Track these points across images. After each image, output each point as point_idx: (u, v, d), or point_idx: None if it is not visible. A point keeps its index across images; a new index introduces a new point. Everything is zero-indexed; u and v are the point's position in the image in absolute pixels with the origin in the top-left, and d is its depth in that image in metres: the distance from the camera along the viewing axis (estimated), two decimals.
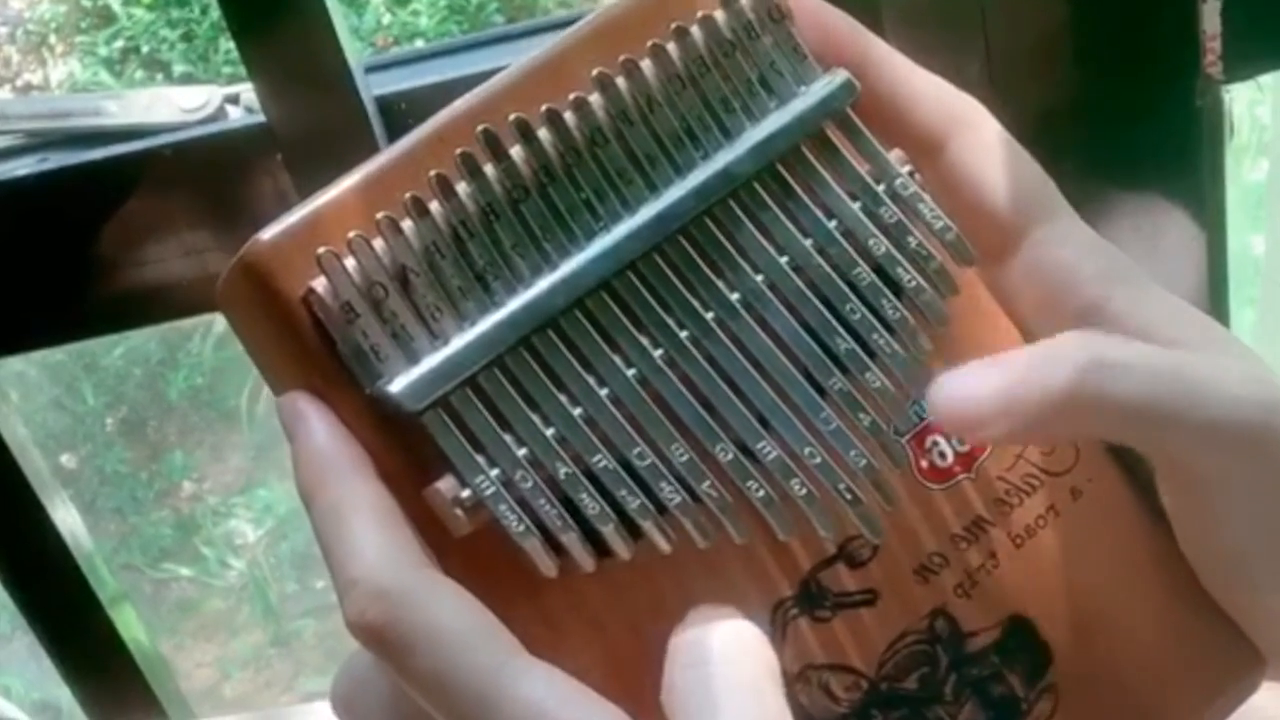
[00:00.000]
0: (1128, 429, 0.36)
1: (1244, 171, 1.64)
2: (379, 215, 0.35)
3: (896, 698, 0.38)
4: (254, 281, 0.36)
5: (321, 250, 0.35)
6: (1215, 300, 0.87)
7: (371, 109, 0.81)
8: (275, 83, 0.81)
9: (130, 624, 1.08)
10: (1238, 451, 0.36)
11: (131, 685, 1.09)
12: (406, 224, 0.36)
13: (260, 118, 0.83)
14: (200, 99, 0.87)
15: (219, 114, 0.87)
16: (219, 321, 0.39)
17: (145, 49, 2.32)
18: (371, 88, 0.82)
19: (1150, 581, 0.40)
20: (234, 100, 0.88)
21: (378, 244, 0.36)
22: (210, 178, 0.86)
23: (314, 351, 0.36)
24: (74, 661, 1.08)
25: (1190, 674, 0.40)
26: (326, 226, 0.36)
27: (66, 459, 1.93)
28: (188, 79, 2.22)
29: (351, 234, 0.35)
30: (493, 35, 0.86)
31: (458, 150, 0.36)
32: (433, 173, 0.36)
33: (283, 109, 0.82)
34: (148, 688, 1.10)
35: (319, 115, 0.82)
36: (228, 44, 2.24)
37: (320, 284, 0.35)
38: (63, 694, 1.15)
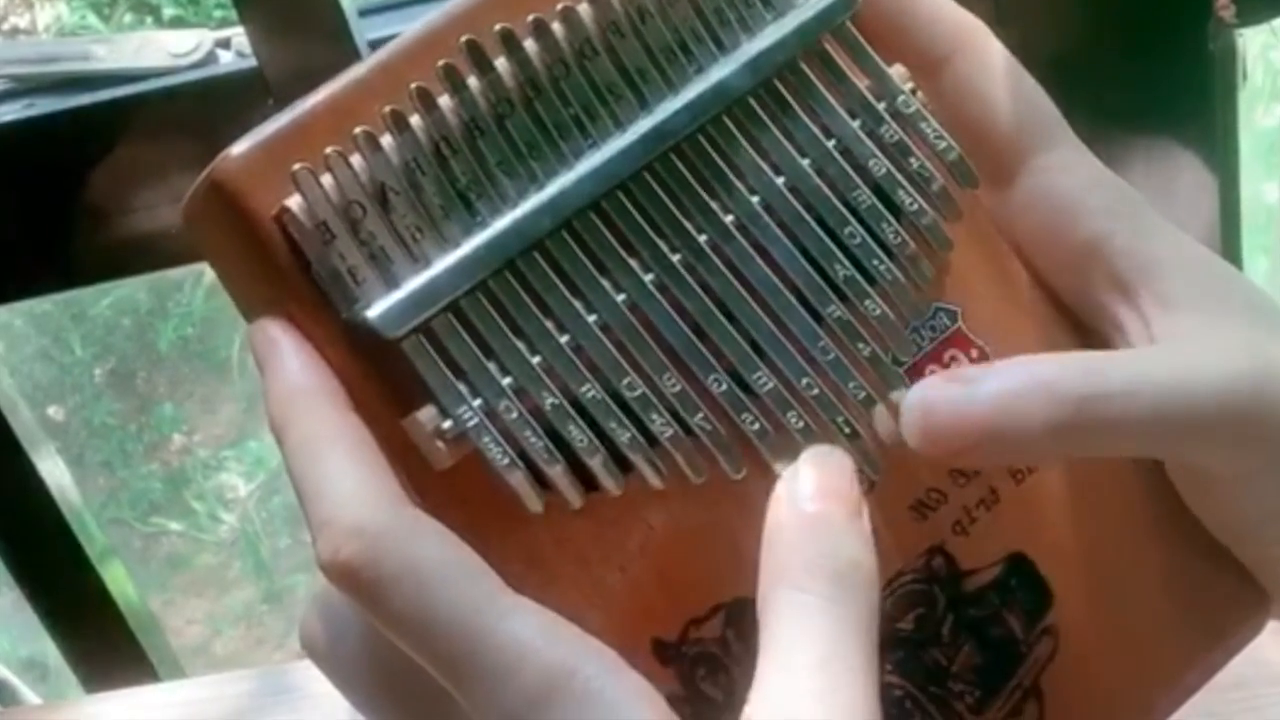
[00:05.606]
0: (1118, 451, 0.36)
1: (1257, 117, 1.61)
2: (357, 130, 0.34)
3: (892, 639, 0.37)
4: (224, 200, 0.34)
5: (296, 167, 0.34)
6: (1228, 247, 0.86)
7: (365, 54, 0.80)
8: (267, 27, 0.81)
9: (119, 580, 1.08)
10: (1233, 441, 0.35)
11: (120, 642, 1.09)
12: (386, 140, 0.34)
13: (252, 62, 0.83)
14: (190, 43, 0.87)
15: (210, 58, 0.87)
16: (210, 271, 0.37)
17: None
18: (365, 32, 0.81)
19: (1153, 520, 0.39)
20: (225, 44, 0.87)
21: (356, 160, 0.34)
22: (201, 123, 0.85)
23: (287, 275, 0.35)
24: (61, 618, 1.08)
25: (1194, 615, 0.39)
26: (301, 142, 0.34)
27: (54, 411, 1.92)
28: (178, 23, 2.19)
29: (328, 150, 0.34)
30: None
31: (440, 62, 0.34)
32: (413, 85, 0.34)
33: (275, 54, 0.81)
34: (137, 644, 1.10)
35: (311, 60, 0.81)
36: None
37: (295, 202, 0.34)
38: (50, 651, 1.15)
